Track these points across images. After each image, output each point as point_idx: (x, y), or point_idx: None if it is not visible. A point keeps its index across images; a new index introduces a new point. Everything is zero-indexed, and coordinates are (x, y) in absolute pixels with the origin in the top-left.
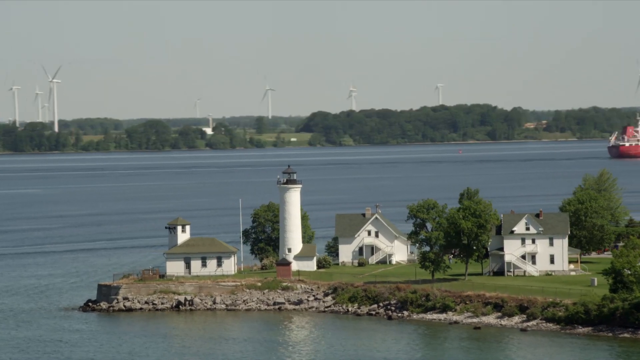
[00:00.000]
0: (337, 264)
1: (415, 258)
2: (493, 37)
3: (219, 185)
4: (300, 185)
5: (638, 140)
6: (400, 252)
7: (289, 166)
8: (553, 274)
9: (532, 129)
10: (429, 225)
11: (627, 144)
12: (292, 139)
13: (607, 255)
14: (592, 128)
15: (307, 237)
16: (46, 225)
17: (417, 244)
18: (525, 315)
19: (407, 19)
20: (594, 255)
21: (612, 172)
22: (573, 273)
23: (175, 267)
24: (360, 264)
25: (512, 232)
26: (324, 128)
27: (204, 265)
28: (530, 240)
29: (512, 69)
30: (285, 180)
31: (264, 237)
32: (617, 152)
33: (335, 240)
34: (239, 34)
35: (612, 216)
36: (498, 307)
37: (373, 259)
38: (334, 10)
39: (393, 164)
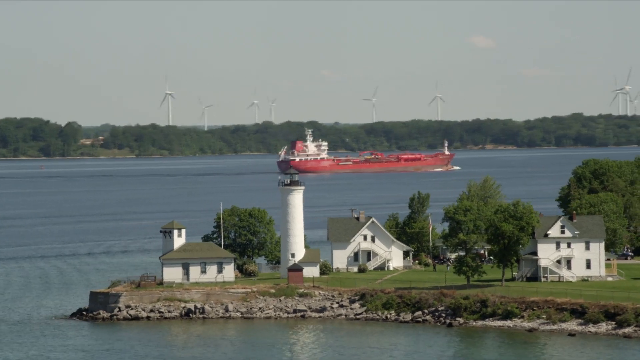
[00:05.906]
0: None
1: (412, 264)
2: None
3: None
4: (303, 187)
5: (307, 155)
6: (396, 257)
7: (291, 166)
8: (590, 279)
9: (89, 146)
10: None
11: (297, 159)
12: None
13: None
14: (151, 145)
15: None
16: None
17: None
18: (614, 322)
19: None
20: None
21: None
22: (610, 279)
23: (172, 273)
24: (361, 270)
25: (546, 235)
26: None
27: (203, 271)
28: (566, 244)
29: (64, 82)
30: (288, 182)
31: (228, 243)
32: (287, 167)
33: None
34: None
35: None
36: (576, 313)
37: (371, 265)
38: None
39: None
